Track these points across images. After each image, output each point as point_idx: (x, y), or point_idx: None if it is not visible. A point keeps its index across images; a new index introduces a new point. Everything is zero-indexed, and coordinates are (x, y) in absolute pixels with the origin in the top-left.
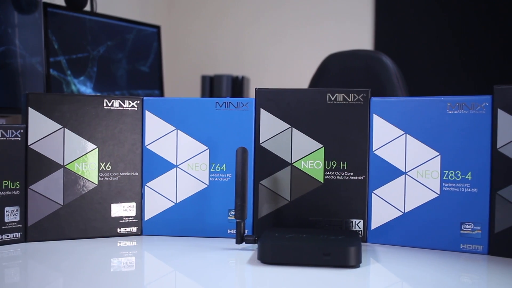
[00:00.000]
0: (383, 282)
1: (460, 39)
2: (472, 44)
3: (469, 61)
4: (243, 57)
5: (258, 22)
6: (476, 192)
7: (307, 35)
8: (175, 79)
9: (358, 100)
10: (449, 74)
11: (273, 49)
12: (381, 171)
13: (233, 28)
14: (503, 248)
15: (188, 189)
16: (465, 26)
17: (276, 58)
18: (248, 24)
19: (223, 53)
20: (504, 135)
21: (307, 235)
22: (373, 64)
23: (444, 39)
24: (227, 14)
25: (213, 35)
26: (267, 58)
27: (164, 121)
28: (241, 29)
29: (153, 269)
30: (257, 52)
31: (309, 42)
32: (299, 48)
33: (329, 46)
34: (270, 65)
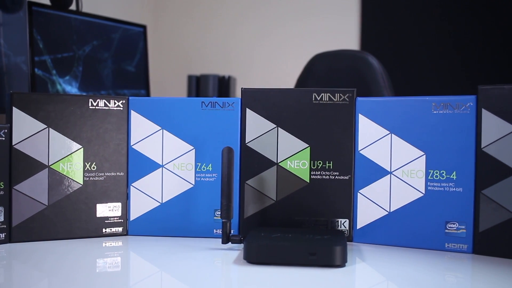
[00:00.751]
0: (369, 281)
1: (445, 39)
2: (457, 44)
3: (454, 61)
4: (230, 57)
5: (245, 21)
6: (461, 191)
7: (293, 35)
8: (161, 79)
9: (344, 100)
10: (435, 74)
11: (260, 49)
12: (367, 171)
13: (220, 28)
14: (487, 247)
15: (174, 189)
16: (450, 27)
17: (263, 58)
18: (235, 24)
19: (210, 52)
20: (488, 135)
21: (293, 235)
22: (359, 64)
23: (429, 39)
24: (214, 13)
25: (200, 35)
26: (254, 58)
27: (150, 120)
28: (228, 29)
29: (138, 269)
30: (244, 52)
31: (296, 42)
32: (285, 48)
33: (316, 46)
34: (257, 65)
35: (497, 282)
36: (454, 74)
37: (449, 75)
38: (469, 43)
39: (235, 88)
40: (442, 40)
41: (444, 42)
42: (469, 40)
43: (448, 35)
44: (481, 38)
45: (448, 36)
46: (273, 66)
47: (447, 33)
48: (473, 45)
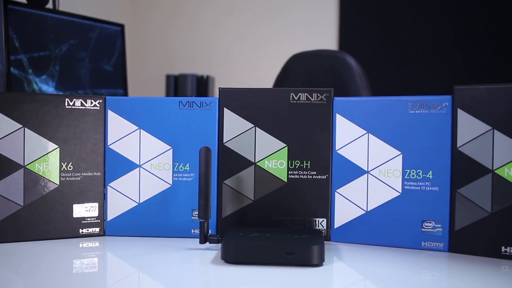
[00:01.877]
0: (346, 280)
1: (422, 40)
2: (434, 46)
3: (430, 61)
4: (208, 57)
5: (224, 21)
6: (437, 190)
7: (272, 35)
8: (139, 78)
9: (321, 100)
10: (412, 74)
11: (239, 48)
12: (344, 170)
13: (199, 27)
14: (463, 245)
15: (151, 189)
16: (427, 28)
17: (241, 57)
18: (213, 23)
19: (188, 52)
20: (464, 134)
21: (270, 234)
22: (337, 64)
23: (407, 39)
24: (193, 13)
25: (178, 34)
26: (232, 58)
27: (127, 120)
28: (207, 28)
29: (116, 270)
30: (223, 51)
31: (274, 42)
32: (264, 48)
33: (294, 46)
34: (235, 64)
35: (472, 280)
36: (431, 74)
37: (425, 75)
38: (446, 43)
39: (214, 87)
40: (419, 41)
41: (421, 42)
42: (445, 40)
43: (424, 36)
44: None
45: (425, 37)
46: (251, 66)
47: (424, 34)
48: (449, 46)
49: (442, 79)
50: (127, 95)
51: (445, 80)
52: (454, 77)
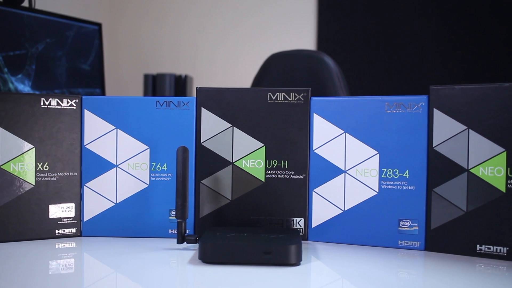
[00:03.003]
0: (324, 279)
1: (399, 40)
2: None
3: (407, 61)
4: (187, 56)
5: (202, 20)
6: (413, 189)
7: (250, 34)
8: (117, 78)
9: (299, 100)
10: (389, 74)
11: (217, 48)
12: (321, 170)
13: (177, 27)
14: (438, 244)
15: (128, 189)
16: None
17: (220, 57)
18: (192, 23)
19: (166, 51)
20: (440, 134)
21: (248, 234)
22: (315, 64)
23: (384, 40)
24: (171, 12)
25: (156, 33)
26: (211, 57)
27: (104, 120)
28: (185, 28)
29: (92, 270)
30: (201, 51)
31: (253, 42)
32: (242, 48)
33: (273, 45)
34: (214, 64)
35: (448, 278)
36: (408, 75)
37: (402, 75)
38: (422, 43)
39: (192, 87)
40: (397, 41)
41: (399, 43)
42: (422, 40)
43: (402, 36)
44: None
45: (402, 37)
46: (230, 66)
47: (401, 34)
48: (426, 46)
49: (419, 79)
50: (105, 95)
51: (421, 80)
52: (430, 77)
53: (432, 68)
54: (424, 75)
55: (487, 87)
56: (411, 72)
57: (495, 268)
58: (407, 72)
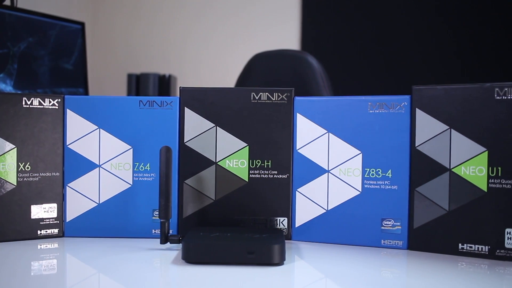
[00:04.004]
0: (307, 278)
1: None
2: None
3: (390, 61)
4: (171, 56)
5: (185, 20)
6: (396, 189)
7: (234, 34)
8: (100, 77)
9: (282, 99)
10: (373, 75)
11: (201, 47)
12: (305, 170)
13: (161, 26)
14: (421, 243)
15: (111, 189)
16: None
17: (204, 57)
18: (175, 22)
19: (150, 51)
20: (422, 134)
21: (231, 234)
22: (298, 64)
23: (368, 40)
24: (155, 11)
25: (140, 33)
26: (195, 57)
27: (86, 120)
28: (168, 27)
29: (75, 271)
30: (185, 50)
31: (237, 42)
32: (226, 47)
33: (256, 45)
34: (198, 64)
35: (430, 276)
36: (391, 75)
37: (385, 75)
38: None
39: (176, 87)
40: (380, 41)
41: (382, 43)
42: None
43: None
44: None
45: (385, 37)
46: (214, 66)
47: (385, 34)
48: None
49: (402, 79)
50: (88, 94)
51: (404, 80)
52: (413, 77)
53: (415, 68)
54: (407, 75)
55: (469, 87)
56: (395, 72)
57: (477, 266)
58: (391, 72)
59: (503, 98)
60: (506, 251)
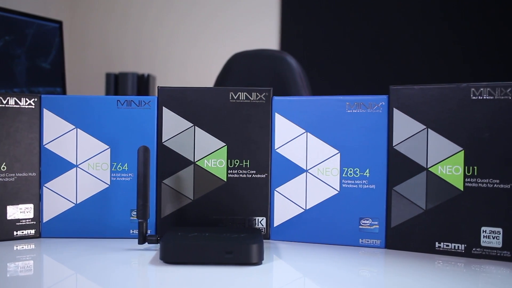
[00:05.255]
0: (285, 278)
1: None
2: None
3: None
4: (149, 55)
5: (165, 19)
6: (374, 188)
7: (213, 33)
8: (78, 77)
9: (261, 99)
10: (351, 75)
11: (180, 47)
12: (283, 169)
13: (139, 25)
14: (398, 241)
15: (88, 189)
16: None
17: (183, 56)
18: (154, 21)
19: (129, 50)
20: (399, 133)
21: (210, 234)
22: (277, 64)
23: (346, 40)
24: (133, 10)
25: (119, 32)
26: (174, 56)
27: (63, 119)
28: (148, 26)
29: (52, 272)
30: (164, 50)
31: (216, 41)
32: (206, 47)
33: (236, 45)
34: (177, 63)
35: (408, 275)
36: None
37: (364, 75)
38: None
39: (155, 86)
40: (358, 42)
41: (360, 43)
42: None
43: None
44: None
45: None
46: (193, 65)
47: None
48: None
49: (380, 78)
50: (66, 94)
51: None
52: (392, 76)
53: (393, 68)
54: (386, 75)
55: (445, 87)
56: (373, 72)
57: (454, 264)
58: (369, 72)
59: (479, 98)
60: (482, 249)
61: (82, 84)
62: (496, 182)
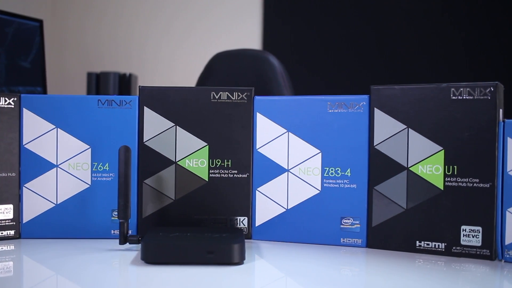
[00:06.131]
0: (267, 277)
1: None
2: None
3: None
4: (131, 54)
5: (147, 18)
6: (355, 188)
7: (196, 33)
8: (59, 76)
9: (242, 99)
10: (333, 75)
11: (162, 46)
12: (265, 169)
13: (121, 24)
14: (379, 240)
15: (69, 190)
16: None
17: (165, 55)
18: (136, 20)
19: (110, 49)
20: (380, 133)
21: (191, 234)
22: (259, 64)
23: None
24: (115, 9)
25: (100, 31)
26: (156, 56)
27: (43, 119)
28: (130, 25)
29: (32, 273)
30: (146, 49)
31: (198, 41)
32: (188, 46)
33: (218, 44)
34: (159, 63)
35: (389, 273)
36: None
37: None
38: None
39: (137, 86)
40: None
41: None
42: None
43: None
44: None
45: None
46: (175, 65)
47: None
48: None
49: (362, 78)
50: (46, 93)
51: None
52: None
53: (375, 68)
54: (368, 75)
55: (425, 87)
56: (355, 72)
57: (434, 263)
58: (351, 71)
59: (459, 98)
60: (462, 248)
61: (63, 84)
62: (475, 181)
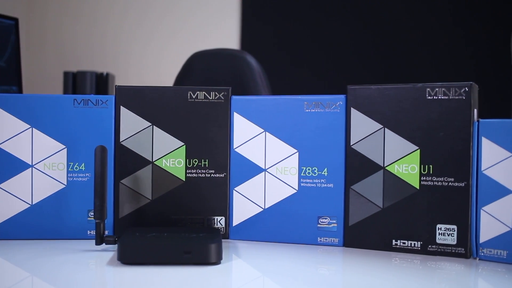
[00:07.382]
0: (245, 277)
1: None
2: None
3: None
4: (108, 53)
5: (124, 17)
6: (332, 187)
7: (173, 32)
8: (35, 75)
9: (219, 98)
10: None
11: (139, 45)
12: (242, 169)
13: (98, 23)
14: (356, 240)
15: (44, 190)
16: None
17: (142, 55)
18: (113, 19)
19: (87, 48)
20: (357, 133)
21: (168, 234)
22: (237, 63)
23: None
24: (92, 7)
25: (77, 29)
26: (133, 55)
27: (18, 118)
28: (106, 24)
29: (6, 275)
30: (123, 48)
31: (176, 40)
32: (166, 45)
33: (196, 44)
34: (136, 62)
35: (366, 272)
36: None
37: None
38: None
39: (114, 85)
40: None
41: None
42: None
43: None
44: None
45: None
46: (153, 64)
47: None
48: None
49: (340, 78)
50: (22, 93)
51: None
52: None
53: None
54: (345, 75)
55: (401, 87)
56: (333, 72)
57: (410, 262)
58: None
59: (434, 98)
60: (437, 246)
61: (39, 83)
62: (450, 180)
